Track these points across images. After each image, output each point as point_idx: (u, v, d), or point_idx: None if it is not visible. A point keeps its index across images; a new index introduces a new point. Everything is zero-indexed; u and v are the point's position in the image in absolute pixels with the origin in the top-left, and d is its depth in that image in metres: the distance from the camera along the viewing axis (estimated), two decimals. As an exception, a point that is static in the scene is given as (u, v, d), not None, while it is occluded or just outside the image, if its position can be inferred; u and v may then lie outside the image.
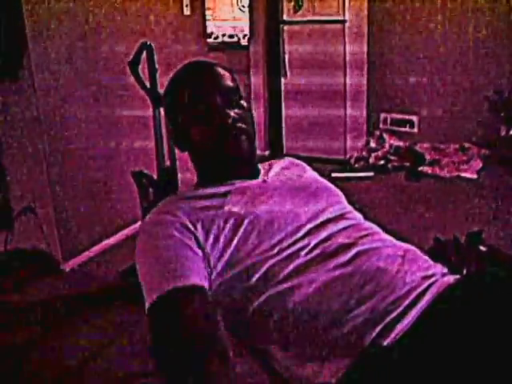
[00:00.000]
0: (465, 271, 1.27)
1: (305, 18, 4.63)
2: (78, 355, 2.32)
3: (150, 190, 2.28)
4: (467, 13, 4.65)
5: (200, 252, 1.14)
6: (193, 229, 1.15)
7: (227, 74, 1.31)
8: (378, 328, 1.04)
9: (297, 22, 4.67)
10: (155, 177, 2.55)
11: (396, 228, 1.48)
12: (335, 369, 1.03)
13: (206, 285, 1.10)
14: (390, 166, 4.66)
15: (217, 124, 1.24)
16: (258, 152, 4.34)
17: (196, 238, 1.15)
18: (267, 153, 5.06)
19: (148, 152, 2.95)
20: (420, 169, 4.51)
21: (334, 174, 4.31)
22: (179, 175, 2.61)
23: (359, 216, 1.38)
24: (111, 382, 2.14)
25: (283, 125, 5.01)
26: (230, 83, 1.29)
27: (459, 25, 4.71)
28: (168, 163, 2.62)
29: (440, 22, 4.79)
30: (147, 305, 1.09)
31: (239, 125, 1.25)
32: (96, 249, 3.24)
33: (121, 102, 3.31)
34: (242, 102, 1.31)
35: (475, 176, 4.32)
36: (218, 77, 1.28)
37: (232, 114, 1.25)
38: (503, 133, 4.39)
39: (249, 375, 1.97)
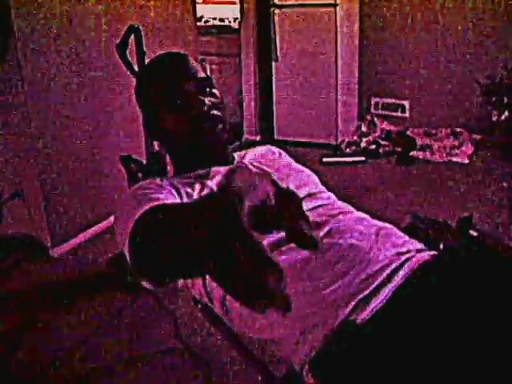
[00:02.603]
0: (441, 247, 1.27)
1: (296, 2, 4.59)
2: (66, 341, 2.32)
3: (139, 174, 2.26)
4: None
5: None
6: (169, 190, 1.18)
7: (199, 65, 1.35)
8: (352, 305, 1.04)
9: (288, 6, 4.63)
10: (144, 161, 2.53)
11: (387, 212, 1.48)
12: (310, 346, 1.03)
13: None
14: (381, 150, 4.65)
15: (192, 111, 1.26)
16: (250, 137, 4.31)
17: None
18: (258, 138, 5.04)
19: (137, 136, 2.93)
20: (411, 153, 4.51)
21: (325, 159, 4.30)
22: (168, 160, 2.59)
23: (332, 196, 1.40)
24: (100, 368, 2.15)
25: (274, 109, 4.99)
26: (202, 73, 1.32)
27: (452, 9, 4.69)
28: (157, 148, 2.60)
29: (433, 7, 4.76)
30: (127, 239, 0.95)
31: (214, 112, 1.28)
32: (85, 235, 3.22)
33: (109, 86, 3.27)
34: (215, 90, 1.33)
35: (466, 161, 4.33)
36: (190, 66, 1.31)
37: (206, 101, 1.27)
38: (495, 117, 4.39)
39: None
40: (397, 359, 0.96)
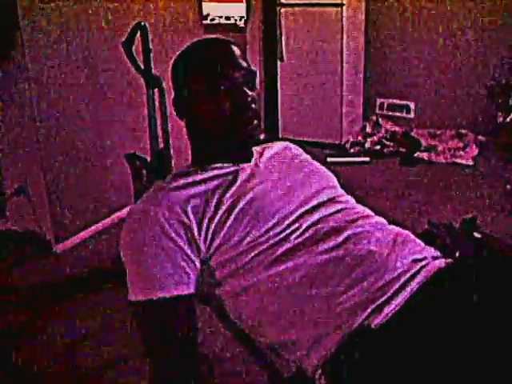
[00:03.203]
0: (457, 255, 1.26)
1: (302, 1, 4.59)
2: (68, 338, 2.33)
3: (144, 172, 2.26)
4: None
5: (189, 250, 1.13)
6: (186, 220, 1.14)
7: (246, 58, 1.32)
8: (368, 311, 1.04)
9: (294, 5, 4.62)
10: (149, 159, 2.53)
11: (391, 213, 1.48)
12: (324, 351, 1.03)
13: (191, 291, 1.14)
14: (385, 151, 4.64)
15: (236, 100, 1.23)
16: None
17: (189, 230, 1.13)
18: (262, 136, 5.03)
19: (142, 134, 2.93)
20: (416, 154, 4.50)
21: (329, 159, 4.30)
22: (173, 157, 2.59)
23: (351, 199, 1.38)
24: (101, 365, 2.15)
25: (279, 108, 4.98)
26: (249, 66, 1.29)
27: (458, 10, 4.67)
28: (162, 145, 2.60)
29: (439, 7, 4.75)
30: (132, 297, 1.14)
31: (254, 106, 1.25)
32: (88, 231, 3.23)
33: (114, 83, 3.27)
34: (256, 86, 1.31)
35: (471, 162, 4.32)
36: (239, 56, 1.29)
37: (250, 94, 1.25)
38: (500, 119, 4.38)
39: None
40: (410, 364, 0.96)
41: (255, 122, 1.26)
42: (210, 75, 1.24)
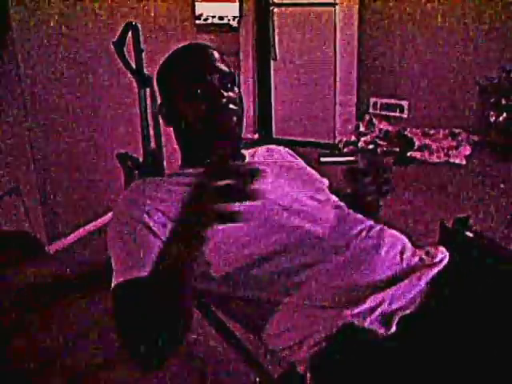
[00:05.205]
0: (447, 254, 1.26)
1: (295, 1, 4.59)
2: (64, 337, 2.32)
3: (136, 172, 2.26)
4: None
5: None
6: (161, 207, 1.15)
7: (225, 60, 1.36)
8: (358, 309, 1.05)
9: (287, 4, 4.63)
10: (141, 159, 2.53)
11: (384, 213, 1.49)
12: (312, 347, 1.04)
13: None
14: (379, 150, 4.65)
15: (211, 102, 1.27)
16: (247, 135, 4.29)
17: (166, 215, 1.14)
18: (256, 136, 5.03)
19: (134, 134, 2.93)
20: (409, 154, 4.51)
21: (322, 159, 4.30)
22: (164, 157, 2.59)
23: (342, 204, 1.40)
24: (95, 365, 2.15)
25: (272, 108, 4.99)
26: (227, 68, 1.33)
27: (452, 10, 4.69)
28: (153, 145, 2.60)
29: (432, 8, 4.76)
30: (114, 283, 1.06)
31: (231, 106, 1.29)
32: (81, 232, 3.22)
33: (106, 82, 3.26)
34: (236, 88, 1.34)
35: (464, 162, 4.33)
36: (215, 59, 1.33)
37: (225, 95, 1.28)
38: (493, 118, 4.39)
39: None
40: (396, 362, 0.97)
41: (234, 119, 1.29)
42: (187, 80, 1.28)
